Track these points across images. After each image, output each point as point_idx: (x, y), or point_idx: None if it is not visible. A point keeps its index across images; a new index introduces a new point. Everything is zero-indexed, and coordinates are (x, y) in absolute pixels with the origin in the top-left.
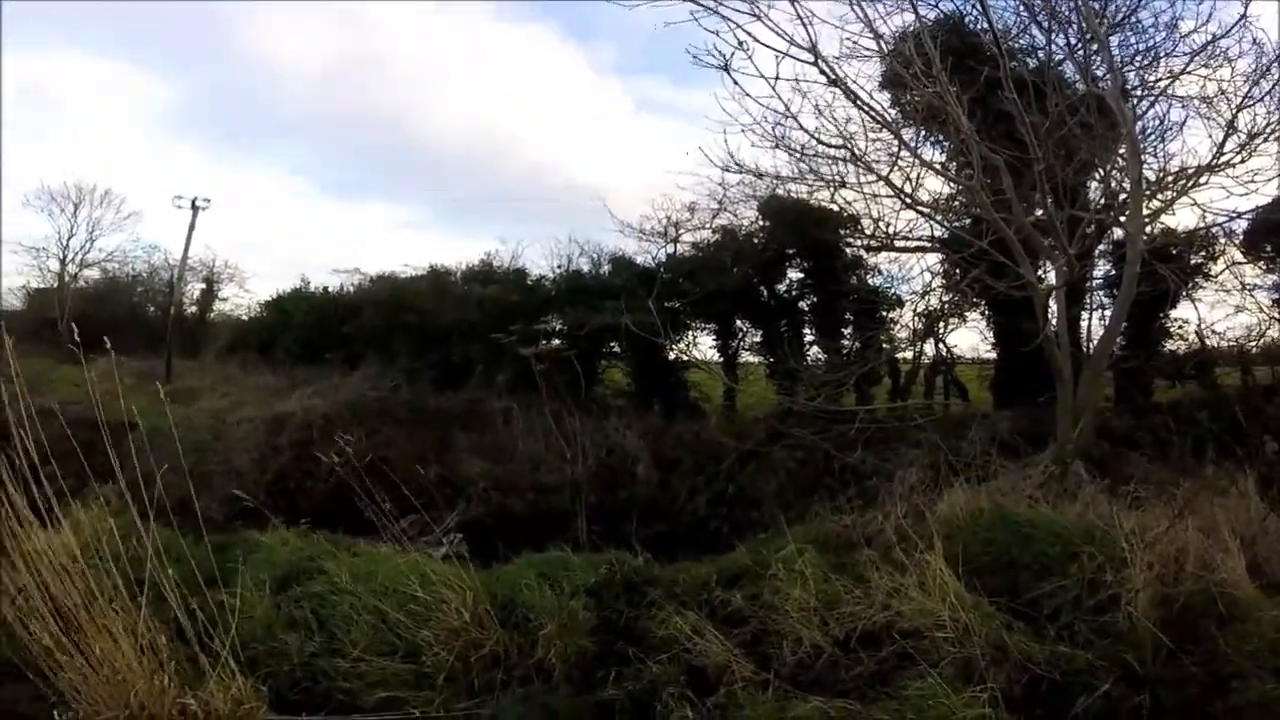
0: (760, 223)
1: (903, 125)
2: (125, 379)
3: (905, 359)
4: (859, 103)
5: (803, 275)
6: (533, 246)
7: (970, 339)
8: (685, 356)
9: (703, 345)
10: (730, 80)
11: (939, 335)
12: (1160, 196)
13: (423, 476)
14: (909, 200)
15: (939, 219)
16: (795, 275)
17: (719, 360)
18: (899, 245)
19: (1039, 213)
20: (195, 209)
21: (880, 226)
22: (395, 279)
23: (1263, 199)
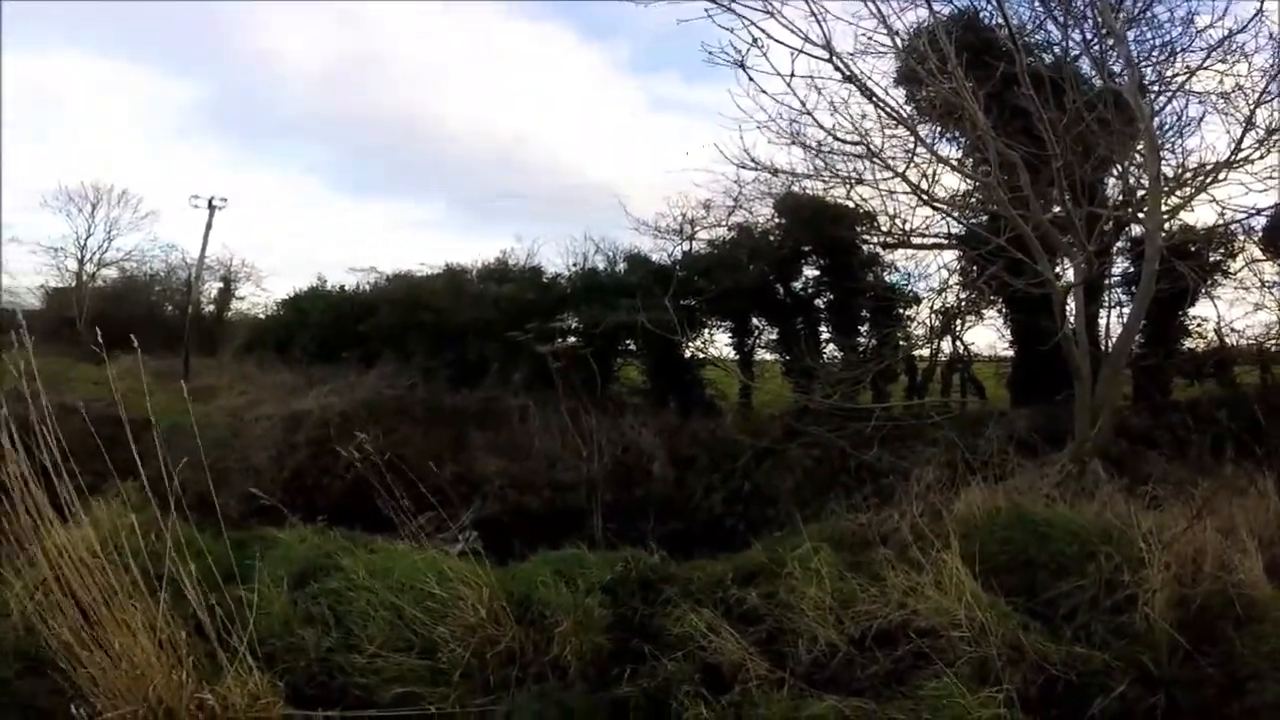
0: (776, 220)
1: (919, 121)
2: (146, 377)
3: (922, 356)
4: (874, 99)
5: (819, 272)
6: (548, 245)
7: (987, 336)
8: (701, 354)
9: (719, 343)
10: (745, 77)
11: (956, 333)
12: (1179, 193)
13: (439, 474)
14: (926, 197)
15: (956, 216)
16: (811, 272)
17: (735, 358)
18: (916, 242)
19: (1056, 209)
20: (212, 208)
21: (897, 223)
22: (411, 278)
23: None
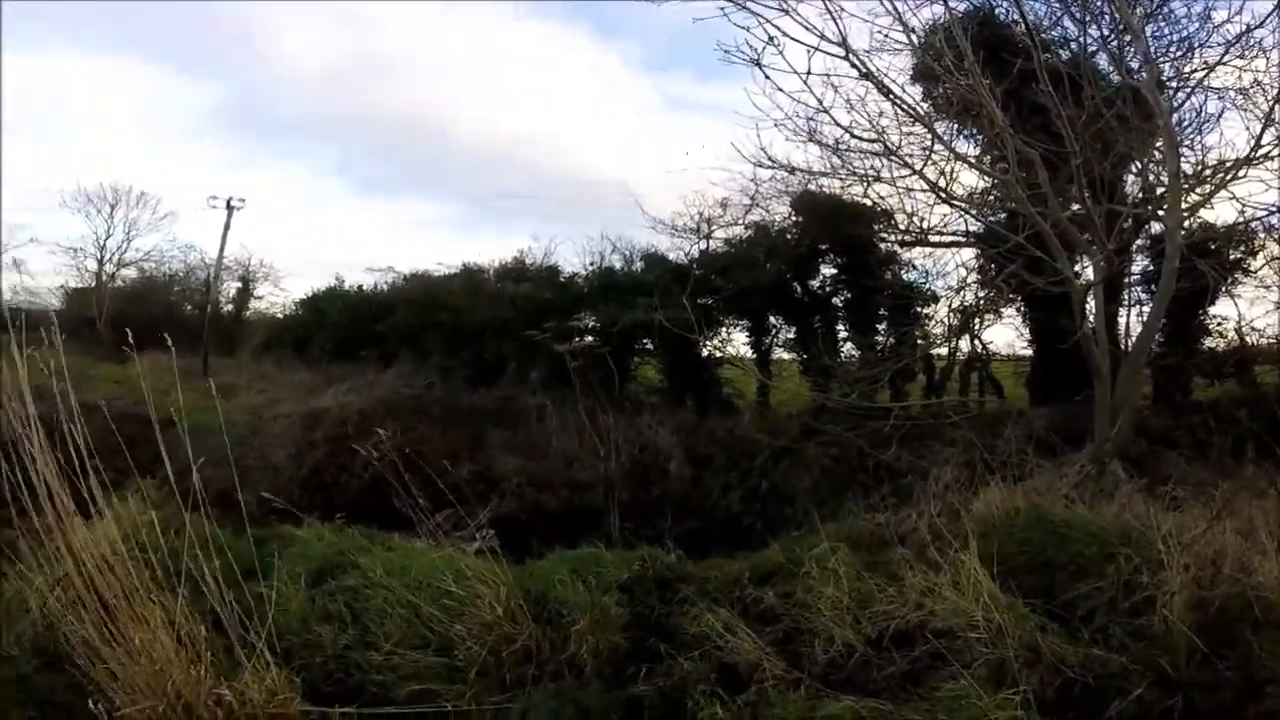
0: (793, 218)
1: (936, 119)
2: (167, 375)
3: (940, 355)
4: (891, 96)
5: (836, 271)
6: (565, 244)
7: (1006, 335)
8: (718, 353)
9: (736, 342)
10: (761, 75)
11: (974, 331)
12: (1198, 190)
13: (456, 473)
14: (943, 194)
15: (974, 213)
16: (828, 271)
17: (752, 357)
18: (933, 240)
19: (1076, 207)
20: (230, 209)
21: (914, 221)
22: (429, 277)
23: None
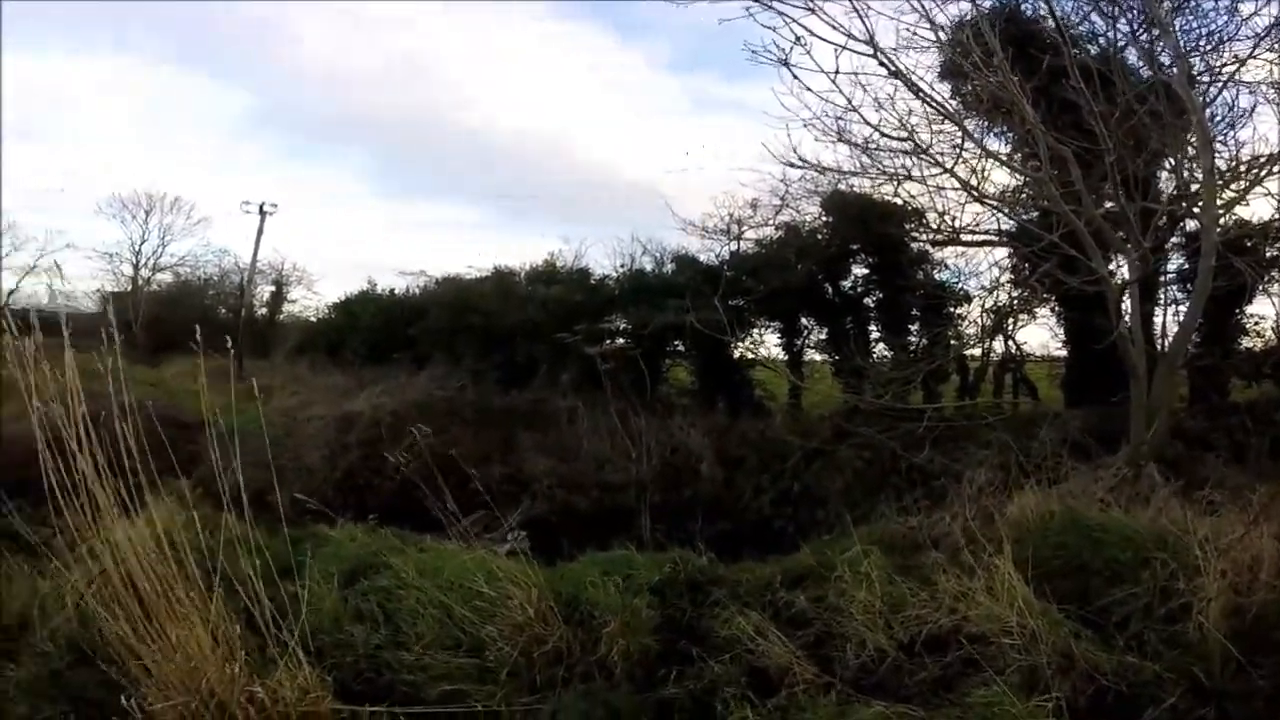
0: (823, 218)
1: (965, 116)
2: (201, 378)
3: (973, 356)
4: (920, 94)
5: (867, 271)
6: (595, 246)
7: (1040, 336)
8: (750, 354)
9: (767, 343)
10: (789, 75)
11: (1008, 332)
12: (1233, 186)
13: (488, 474)
14: (975, 193)
15: (1006, 212)
16: (860, 271)
17: (784, 358)
18: (966, 239)
19: (1109, 204)
20: (263, 214)
21: (946, 220)
22: (460, 280)
23: None
